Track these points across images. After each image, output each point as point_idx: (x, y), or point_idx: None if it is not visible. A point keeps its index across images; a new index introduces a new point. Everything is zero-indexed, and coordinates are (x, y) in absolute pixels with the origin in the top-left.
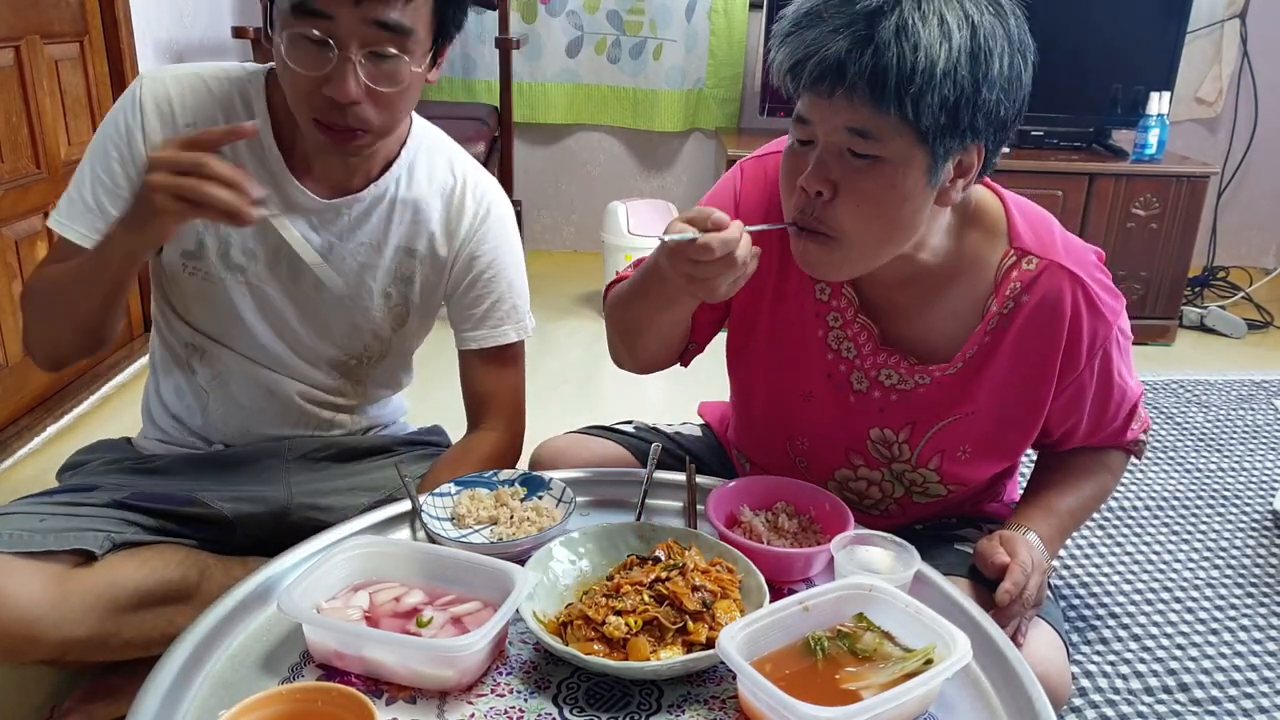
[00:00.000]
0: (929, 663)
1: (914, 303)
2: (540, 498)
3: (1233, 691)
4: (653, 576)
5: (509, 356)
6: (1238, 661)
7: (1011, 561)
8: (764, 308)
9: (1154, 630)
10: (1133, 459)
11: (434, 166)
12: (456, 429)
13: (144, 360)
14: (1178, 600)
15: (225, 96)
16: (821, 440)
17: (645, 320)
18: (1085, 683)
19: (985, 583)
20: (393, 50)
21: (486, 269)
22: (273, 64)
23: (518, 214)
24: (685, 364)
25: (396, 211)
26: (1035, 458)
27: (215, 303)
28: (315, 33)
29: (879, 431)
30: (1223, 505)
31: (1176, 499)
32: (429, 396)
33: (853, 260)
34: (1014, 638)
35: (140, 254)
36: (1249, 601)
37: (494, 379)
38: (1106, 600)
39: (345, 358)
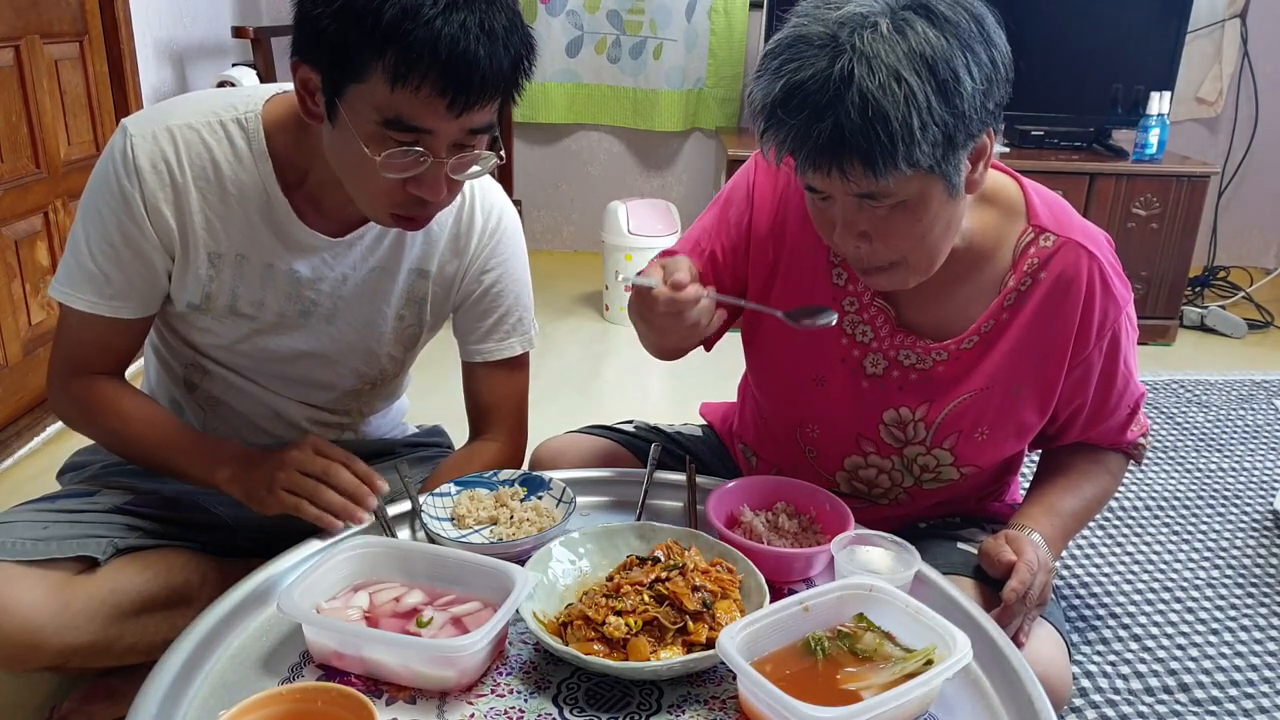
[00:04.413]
0: (929, 663)
1: (933, 283)
2: (540, 498)
3: (1233, 692)
4: (653, 577)
5: (514, 367)
6: (1238, 662)
7: (1018, 560)
8: (775, 287)
9: (1154, 630)
10: (1132, 464)
11: None
12: (457, 428)
13: (143, 361)
14: (1178, 600)
15: (223, 146)
16: (832, 426)
17: (650, 328)
18: (1085, 683)
19: (990, 583)
20: (478, 148)
21: (495, 283)
22: (268, 96)
23: (517, 214)
24: (708, 349)
25: (408, 235)
26: (1037, 459)
27: (221, 341)
28: (416, 148)
29: (894, 413)
30: (1223, 505)
31: (1177, 499)
32: (430, 396)
33: (921, 271)
34: (1016, 636)
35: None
36: (1249, 601)
37: (498, 390)
38: (1106, 600)
39: (360, 384)
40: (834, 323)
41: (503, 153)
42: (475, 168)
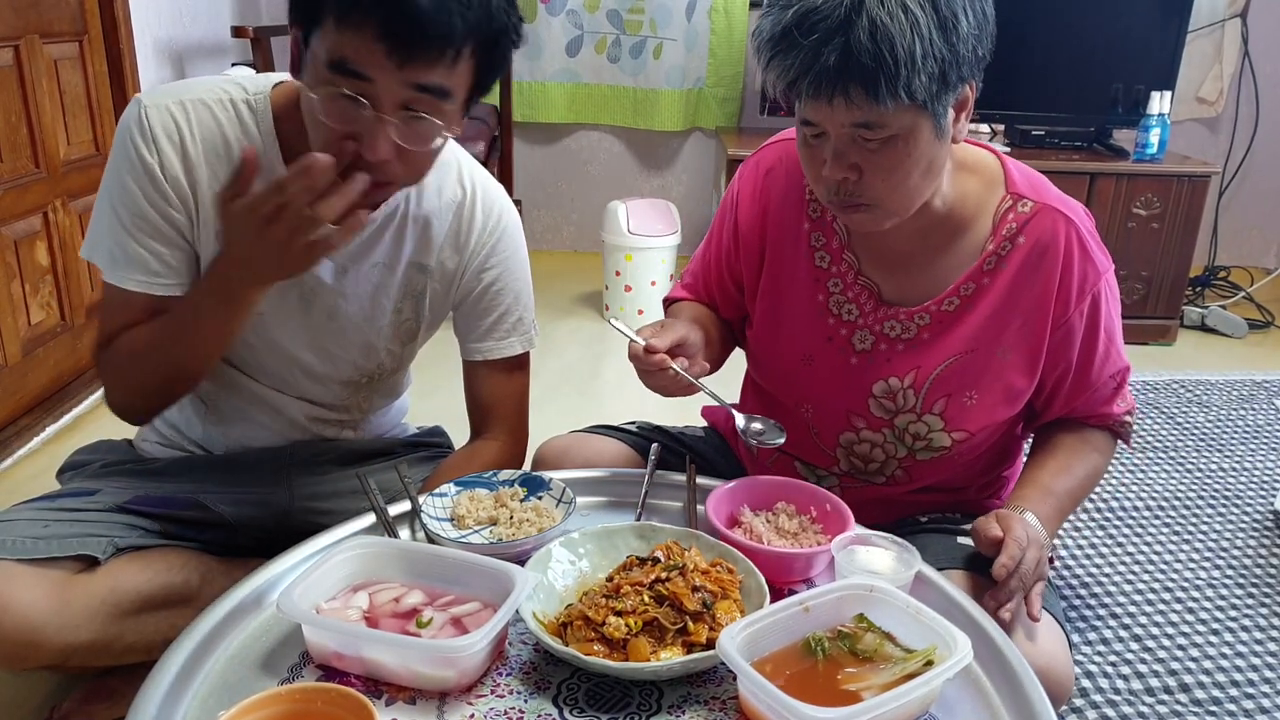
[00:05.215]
0: (930, 663)
1: (917, 256)
2: (540, 498)
3: (1233, 692)
4: (653, 577)
5: (514, 366)
6: (1238, 662)
7: (1006, 535)
8: (762, 277)
9: (1154, 630)
10: (1120, 444)
11: (444, 179)
12: (458, 429)
13: None
14: (1178, 600)
15: (233, 124)
16: (823, 404)
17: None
18: (1085, 683)
19: (983, 573)
20: (428, 114)
21: (495, 282)
22: (276, 82)
23: (518, 214)
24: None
25: (408, 228)
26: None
27: None
28: (353, 92)
29: (883, 384)
30: (1223, 505)
31: (1177, 499)
32: (431, 397)
33: (898, 214)
34: (1030, 611)
35: (260, 298)
36: (1250, 601)
37: (499, 389)
38: (1106, 600)
39: (358, 378)
40: (782, 443)
41: (458, 129)
42: (437, 141)
